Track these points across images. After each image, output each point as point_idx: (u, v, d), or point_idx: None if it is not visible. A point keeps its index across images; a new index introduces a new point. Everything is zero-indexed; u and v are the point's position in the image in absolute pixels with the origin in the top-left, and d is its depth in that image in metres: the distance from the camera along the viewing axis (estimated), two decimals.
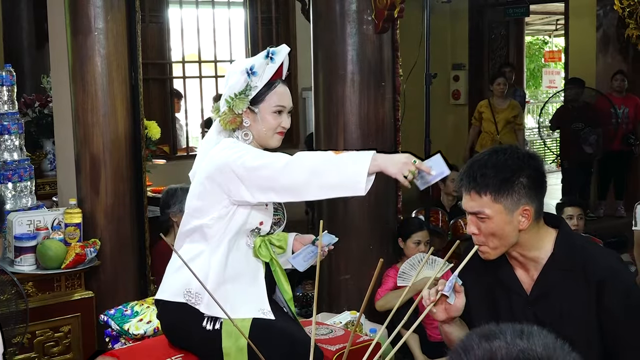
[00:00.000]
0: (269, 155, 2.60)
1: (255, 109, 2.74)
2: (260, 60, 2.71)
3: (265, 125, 2.76)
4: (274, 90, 2.76)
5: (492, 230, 2.14)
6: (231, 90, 2.72)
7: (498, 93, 8.17)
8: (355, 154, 2.50)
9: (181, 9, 8.40)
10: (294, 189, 2.54)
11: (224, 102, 2.75)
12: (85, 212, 4.42)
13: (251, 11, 8.85)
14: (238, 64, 2.79)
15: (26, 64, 7.23)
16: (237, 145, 2.68)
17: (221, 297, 2.61)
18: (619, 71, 8.07)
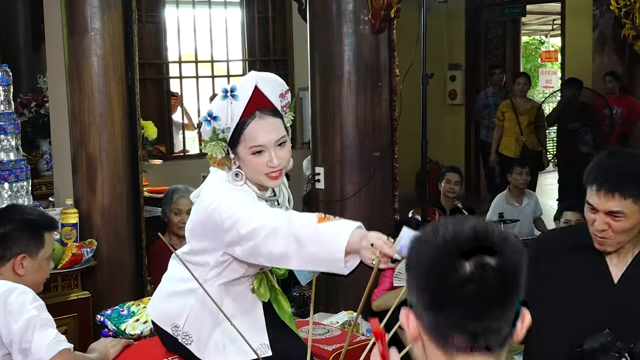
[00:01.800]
0: (257, 220, 2.30)
1: (234, 154, 2.47)
2: (220, 103, 2.43)
3: (249, 168, 2.47)
4: (246, 130, 2.44)
5: (625, 228, 2.33)
6: (205, 136, 2.49)
7: (519, 93, 8.16)
8: (335, 226, 2.21)
9: (178, 9, 8.40)
10: (279, 260, 2.31)
11: (210, 144, 2.49)
12: (82, 212, 4.42)
13: (248, 11, 8.85)
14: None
15: (22, 63, 7.21)
16: (226, 196, 2.41)
17: (217, 338, 2.53)
18: (609, 72, 8.08)
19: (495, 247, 1.29)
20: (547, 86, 15.06)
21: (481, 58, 10.49)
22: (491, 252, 1.28)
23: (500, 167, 8.18)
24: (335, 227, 2.21)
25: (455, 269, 1.27)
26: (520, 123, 8.04)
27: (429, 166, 7.61)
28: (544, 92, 14.94)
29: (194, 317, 2.57)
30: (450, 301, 1.28)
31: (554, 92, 10.17)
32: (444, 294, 1.29)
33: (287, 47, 8.87)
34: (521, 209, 6.63)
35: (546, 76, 15.57)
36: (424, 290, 1.32)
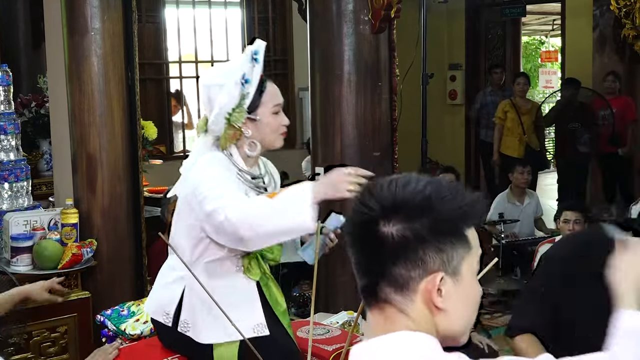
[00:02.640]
0: (221, 201, 2.40)
1: (255, 117, 2.62)
2: (248, 65, 2.57)
3: (269, 129, 2.66)
4: (267, 91, 2.65)
5: None
6: (227, 107, 2.57)
7: (519, 93, 8.16)
8: (292, 194, 2.37)
9: (178, 9, 8.40)
10: (242, 244, 2.44)
11: (217, 120, 2.59)
12: (82, 212, 4.41)
13: (248, 11, 8.85)
14: (219, 76, 2.63)
15: (22, 63, 7.21)
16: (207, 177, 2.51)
17: (215, 317, 2.53)
18: (610, 72, 8.07)
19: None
20: (547, 86, 15.05)
21: (481, 58, 10.49)
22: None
23: (502, 167, 8.18)
24: (291, 193, 2.36)
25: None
26: (523, 123, 8.03)
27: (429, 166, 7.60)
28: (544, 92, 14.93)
29: (188, 304, 2.61)
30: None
31: (554, 92, 10.17)
32: None
33: (287, 47, 8.87)
34: (522, 208, 6.63)
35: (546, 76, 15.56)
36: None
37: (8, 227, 4.22)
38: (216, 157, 2.61)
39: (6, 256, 4.25)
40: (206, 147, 2.66)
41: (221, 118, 2.59)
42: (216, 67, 2.76)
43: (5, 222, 4.26)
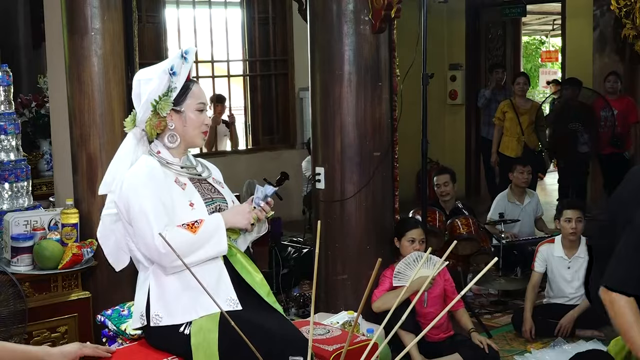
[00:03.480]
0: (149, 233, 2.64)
1: (180, 109, 2.77)
2: (178, 61, 2.73)
3: (190, 124, 2.80)
4: (193, 90, 2.81)
5: None
6: (154, 94, 2.73)
7: (519, 93, 8.16)
8: (210, 229, 2.68)
9: (178, 9, 8.41)
10: (163, 269, 2.71)
11: (144, 107, 2.75)
12: (82, 213, 4.41)
13: (248, 11, 8.86)
14: (149, 71, 2.79)
15: (23, 63, 7.22)
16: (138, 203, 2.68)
17: (187, 302, 2.68)
18: (612, 72, 8.07)
19: None
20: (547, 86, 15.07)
21: (481, 58, 10.49)
22: None
23: (501, 167, 8.18)
24: (208, 227, 2.67)
25: None
26: (521, 123, 8.03)
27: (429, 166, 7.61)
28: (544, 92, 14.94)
29: (155, 297, 2.72)
30: None
31: (553, 92, 10.17)
32: None
33: (287, 47, 8.88)
34: (522, 207, 6.64)
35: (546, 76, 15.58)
36: None
37: (8, 227, 4.22)
38: (143, 166, 2.74)
39: (6, 256, 4.25)
40: (131, 142, 2.82)
41: (148, 105, 2.75)
42: (150, 67, 2.90)
43: (6, 222, 4.26)
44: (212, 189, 2.88)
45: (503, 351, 4.71)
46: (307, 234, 7.04)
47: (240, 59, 9.02)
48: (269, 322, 2.67)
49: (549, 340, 4.90)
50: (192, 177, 2.83)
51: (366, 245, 4.68)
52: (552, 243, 5.19)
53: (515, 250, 6.12)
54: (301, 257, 5.92)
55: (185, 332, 2.68)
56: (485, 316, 5.46)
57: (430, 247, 2.85)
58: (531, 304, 5.03)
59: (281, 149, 8.96)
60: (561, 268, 5.11)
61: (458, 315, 4.60)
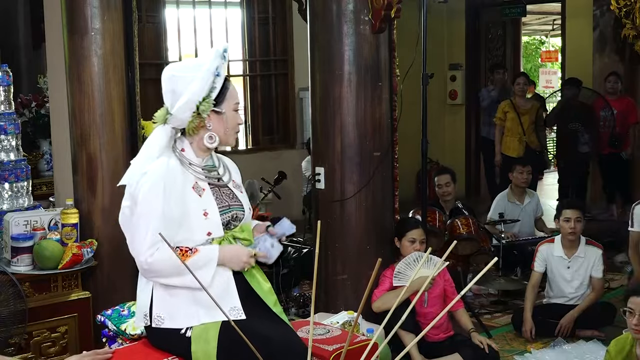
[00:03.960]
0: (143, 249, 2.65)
1: (220, 110, 2.76)
2: (220, 61, 2.72)
3: (229, 124, 2.80)
4: (230, 89, 2.81)
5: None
6: (197, 95, 2.70)
7: (519, 93, 8.16)
8: (200, 261, 2.65)
9: (178, 9, 8.40)
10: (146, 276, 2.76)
11: (184, 108, 2.71)
12: (82, 213, 4.42)
13: (248, 11, 8.86)
14: (186, 68, 2.75)
15: (23, 63, 7.22)
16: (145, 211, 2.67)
17: (190, 308, 2.67)
18: (612, 72, 8.07)
19: None
20: (547, 86, 15.06)
21: (481, 58, 10.49)
22: None
23: (502, 167, 8.19)
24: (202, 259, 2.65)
25: None
26: (522, 123, 8.04)
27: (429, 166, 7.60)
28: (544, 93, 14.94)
29: (159, 298, 2.72)
30: None
31: (554, 92, 10.17)
32: None
33: (287, 47, 8.88)
34: (523, 207, 6.64)
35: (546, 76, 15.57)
36: None
37: (8, 227, 4.22)
38: (164, 166, 2.71)
39: (6, 256, 4.25)
40: (163, 143, 2.76)
41: (190, 106, 2.71)
42: (182, 62, 2.89)
43: (6, 222, 4.26)
44: (231, 194, 2.85)
45: (503, 351, 4.71)
46: (307, 234, 7.04)
47: (240, 59, 9.02)
48: (271, 331, 2.66)
49: (549, 340, 4.90)
50: (212, 182, 2.79)
51: (366, 245, 4.68)
52: (552, 243, 5.19)
53: (515, 250, 6.12)
54: (301, 257, 5.92)
55: (187, 335, 2.68)
56: (485, 316, 5.46)
57: (430, 247, 2.85)
58: (531, 304, 5.03)
59: (281, 149, 8.96)
60: (561, 268, 5.11)
61: (458, 315, 4.60)
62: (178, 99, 2.71)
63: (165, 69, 2.79)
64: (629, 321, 3.60)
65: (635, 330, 3.60)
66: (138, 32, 4.66)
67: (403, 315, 2.10)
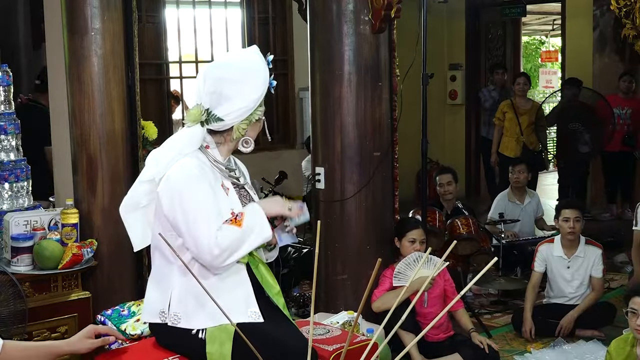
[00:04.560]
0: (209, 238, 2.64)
1: (262, 116, 2.86)
2: (268, 69, 2.78)
3: (257, 128, 2.89)
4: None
5: None
6: (254, 102, 2.75)
7: (519, 93, 8.16)
8: (252, 218, 2.70)
9: (178, 9, 8.40)
10: (215, 269, 2.70)
11: (237, 114, 2.74)
12: (82, 213, 4.41)
13: (248, 11, 8.86)
14: (237, 72, 2.75)
15: (23, 63, 7.22)
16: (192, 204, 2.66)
17: (209, 308, 2.64)
18: (626, 72, 8.09)
19: None
20: (547, 86, 15.07)
21: (481, 58, 10.49)
22: None
23: (501, 167, 8.19)
24: (251, 217, 2.69)
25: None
26: (521, 123, 8.03)
27: (429, 166, 7.60)
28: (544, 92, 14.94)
29: (177, 297, 2.69)
30: None
31: (554, 92, 10.17)
32: None
33: (287, 47, 8.87)
34: (523, 207, 6.64)
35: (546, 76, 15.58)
36: None
37: (8, 227, 4.22)
38: (196, 163, 2.71)
39: (6, 256, 4.25)
40: (194, 139, 2.75)
41: (245, 113, 2.75)
42: (228, 62, 2.86)
43: (6, 222, 4.26)
44: (248, 196, 2.88)
45: (503, 351, 4.71)
46: (307, 234, 7.04)
47: None
48: (285, 336, 2.68)
49: (549, 340, 4.90)
50: (233, 182, 2.83)
51: (366, 245, 4.68)
52: (552, 243, 5.19)
53: (515, 250, 6.12)
54: (301, 257, 5.92)
55: (200, 337, 2.67)
56: (485, 316, 5.46)
57: (430, 247, 2.85)
58: (531, 304, 5.03)
59: (281, 149, 8.96)
60: (561, 268, 5.11)
61: (458, 315, 4.60)
62: (226, 102, 2.71)
63: (210, 68, 2.77)
64: (632, 321, 3.57)
65: (638, 331, 3.58)
66: (138, 32, 4.66)
67: (403, 315, 2.09)
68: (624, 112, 7.81)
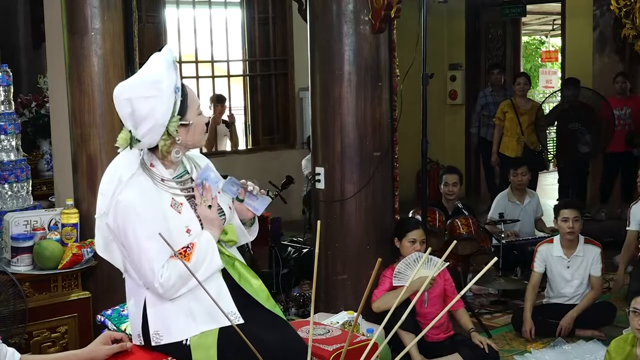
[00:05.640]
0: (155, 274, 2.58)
1: (186, 121, 2.64)
2: (175, 73, 2.60)
3: (197, 129, 2.68)
4: (190, 95, 2.68)
5: None
6: (164, 118, 2.56)
7: (520, 93, 8.15)
8: (202, 252, 2.61)
9: (178, 9, 8.41)
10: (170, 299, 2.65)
11: (153, 132, 2.58)
12: (82, 213, 4.41)
13: (248, 11, 8.86)
14: (145, 88, 2.57)
15: (23, 63, 7.22)
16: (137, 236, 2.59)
17: (185, 319, 2.62)
18: (620, 73, 8.08)
19: None
20: (547, 86, 15.06)
21: (481, 58, 10.48)
22: None
23: (501, 167, 8.18)
24: (200, 249, 2.60)
25: None
26: (521, 123, 8.03)
27: (429, 166, 7.60)
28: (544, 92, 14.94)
29: (153, 315, 2.66)
30: None
31: (554, 92, 10.16)
32: None
33: (287, 47, 8.88)
34: (523, 207, 6.64)
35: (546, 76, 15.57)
36: None
37: (8, 227, 4.22)
38: (136, 193, 2.60)
39: (6, 256, 4.25)
40: (131, 164, 2.67)
41: (158, 130, 2.58)
42: (134, 80, 2.64)
43: (6, 222, 4.26)
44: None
45: (503, 351, 4.71)
46: (307, 234, 7.04)
47: (240, 59, 9.02)
48: (269, 334, 2.65)
49: (549, 340, 4.90)
50: (187, 195, 2.69)
51: (366, 245, 4.68)
52: (551, 243, 5.19)
53: (515, 250, 6.12)
54: (301, 257, 5.92)
55: (186, 344, 2.65)
56: (485, 316, 5.46)
57: (430, 247, 2.85)
58: (531, 304, 5.03)
59: (281, 149, 8.96)
60: (560, 268, 5.11)
61: (458, 315, 4.60)
62: (141, 122, 2.57)
63: (116, 91, 2.62)
64: (634, 321, 3.53)
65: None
66: (138, 32, 4.66)
67: (403, 315, 2.10)
68: (624, 112, 7.81)
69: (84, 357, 2.54)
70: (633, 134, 7.93)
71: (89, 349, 2.56)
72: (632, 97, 8.05)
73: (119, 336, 2.69)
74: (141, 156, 2.68)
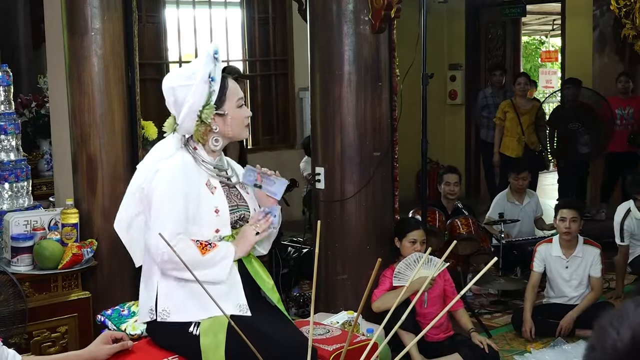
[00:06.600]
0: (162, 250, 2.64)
1: (222, 111, 2.80)
2: (212, 65, 2.75)
3: (235, 122, 2.83)
4: (229, 88, 2.83)
5: None
6: (197, 104, 2.74)
7: (520, 92, 8.15)
8: (218, 255, 2.70)
9: (178, 9, 8.40)
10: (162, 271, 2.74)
11: (187, 118, 2.76)
12: (82, 213, 4.42)
13: (248, 11, 8.86)
14: (181, 77, 2.79)
15: (23, 63, 7.21)
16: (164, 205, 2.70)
17: (197, 301, 2.68)
18: (623, 73, 8.08)
19: None
20: (547, 86, 15.05)
21: (481, 58, 10.49)
22: None
23: (501, 167, 8.19)
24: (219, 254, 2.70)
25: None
26: (522, 123, 8.03)
27: (429, 166, 7.60)
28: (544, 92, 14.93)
29: (164, 292, 2.73)
30: None
31: (554, 92, 10.17)
32: None
33: (287, 47, 8.88)
34: (522, 207, 6.64)
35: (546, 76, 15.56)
36: None
37: (8, 227, 4.22)
38: (179, 162, 2.77)
39: (6, 256, 4.25)
40: (174, 146, 2.84)
41: (193, 116, 2.76)
42: (178, 70, 2.92)
43: (6, 222, 4.26)
44: (239, 195, 2.90)
45: (503, 351, 4.71)
46: (307, 234, 7.04)
47: (240, 59, 9.02)
48: (275, 330, 2.70)
49: (548, 340, 4.91)
50: (222, 181, 2.85)
51: (366, 245, 4.68)
52: (550, 243, 5.20)
53: (515, 250, 6.12)
54: (301, 257, 5.92)
55: (195, 333, 2.68)
56: (485, 316, 5.46)
57: (430, 247, 2.85)
58: (531, 304, 5.04)
59: (281, 149, 8.96)
60: (559, 267, 5.11)
61: (458, 315, 4.60)
62: (181, 109, 2.77)
63: (165, 80, 2.85)
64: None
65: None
66: (138, 32, 4.66)
67: (403, 315, 2.10)
68: (626, 112, 7.81)
69: (84, 358, 2.54)
70: (636, 135, 7.92)
71: (89, 349, 2.56)
72: (635, 97, 8.06)
73: (119, 335, 2.70)
74: (185, 139, 2.85)
